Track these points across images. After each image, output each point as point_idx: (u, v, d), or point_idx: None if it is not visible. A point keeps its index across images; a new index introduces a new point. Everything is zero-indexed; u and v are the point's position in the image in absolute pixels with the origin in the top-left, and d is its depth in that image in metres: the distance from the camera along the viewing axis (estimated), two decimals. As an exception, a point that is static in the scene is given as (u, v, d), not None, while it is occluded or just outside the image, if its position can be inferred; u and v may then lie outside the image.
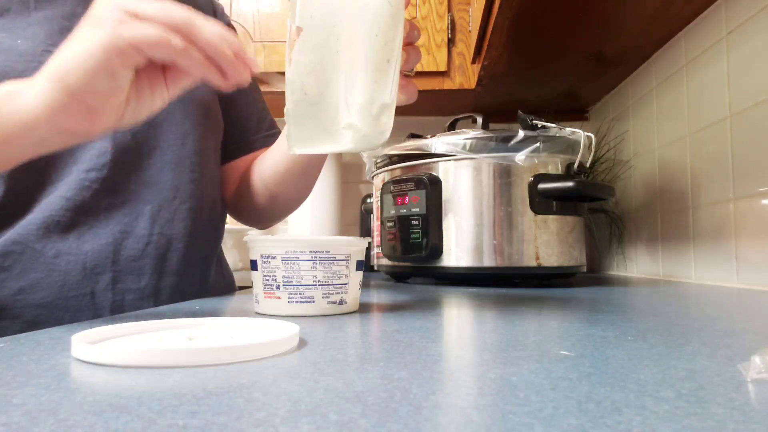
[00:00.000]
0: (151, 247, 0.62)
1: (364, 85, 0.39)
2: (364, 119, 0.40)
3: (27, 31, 0.58)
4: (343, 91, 0.39)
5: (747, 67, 0.81)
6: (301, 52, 0.38)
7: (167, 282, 0.63)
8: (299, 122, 0.40)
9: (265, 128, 0.80)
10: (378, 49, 0.39)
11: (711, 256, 0.90)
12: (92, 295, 0.58)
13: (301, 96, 0.39)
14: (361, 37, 0.39)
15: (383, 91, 0.40)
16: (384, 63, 0.40)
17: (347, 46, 0.39)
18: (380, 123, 0.41)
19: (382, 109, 0.41)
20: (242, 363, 0.27)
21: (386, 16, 0.39)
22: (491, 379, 0.24)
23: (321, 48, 0.38)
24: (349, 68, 0.39)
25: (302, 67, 0.39)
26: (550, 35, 1.04)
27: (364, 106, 0.40)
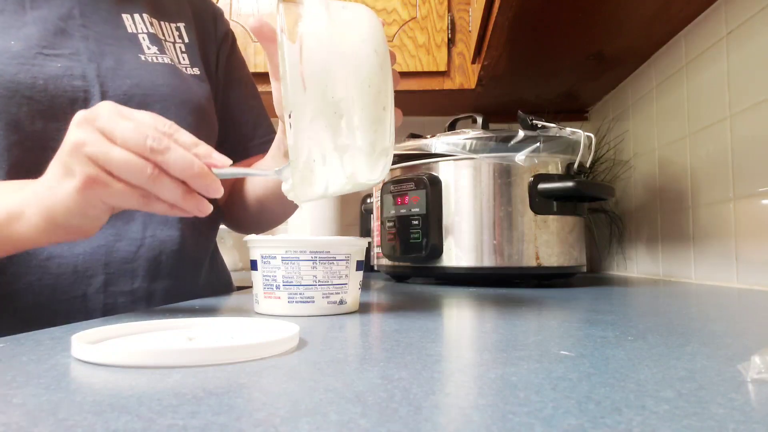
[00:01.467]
0: (144, 249, 0.61)
1: (364, 137, 0.40)
2: (367, 166, 0.41)
3: (21, 32, 0.57)
4: (346, 148, 0.40)
5: (747, 67, 0.81)
6: (302, 119, 0.39)
7: (160, 285, 0.63)
8: (305, 185, 0.41)
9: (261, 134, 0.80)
10: (372, 99, 0.40)
11: (711, 256, 0.90)
12: (84, 298, 0.58)
13: (307, 165, 0.40)
14: (355, 92, 0.39)
15: (383, 137, 0.41)
16: (380, 111, 0.40)
17: (345, 104, 0.39)
18: (378, 166, 0.42)
19: (382, 153, 0.42)
20: (242, 363, 0.27)
21: (375, 67, 0.39)
22: (491, 379, 0.24)
23: (320, 112, 0.39)
24: (348, 125, 0.39)
25: (306, 138, 0.39)
26: (550, 35, 1.04)
27: (366, 154, 0.41)
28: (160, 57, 0.65)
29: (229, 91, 0.78)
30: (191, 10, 0.75)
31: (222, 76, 0.77)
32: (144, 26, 0.66)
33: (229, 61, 0.79)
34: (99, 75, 0.59)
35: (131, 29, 0.65)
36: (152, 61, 0.64)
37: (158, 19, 0.69)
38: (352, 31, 0.40)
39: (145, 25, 0.66)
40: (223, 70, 0.78)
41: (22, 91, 0.55)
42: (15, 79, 0.55)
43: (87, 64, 0.59)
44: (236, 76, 0.79)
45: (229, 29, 0.80)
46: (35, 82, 0.56)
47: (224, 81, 0.77)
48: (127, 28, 0.65)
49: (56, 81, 0.57)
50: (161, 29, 0.69)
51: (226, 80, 0.78)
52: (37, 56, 0.57)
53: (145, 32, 0.66)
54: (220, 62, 0.77)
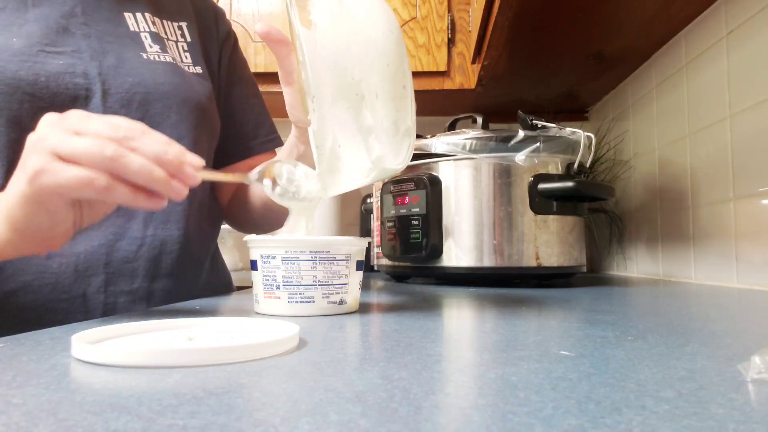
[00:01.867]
0: (144, 249, 0.61)
1: (387, 116, 0.40)
2: (391, 147, 0.41)
3: (23, 29, 0.57)
4: (371, 128, 0.40)
5: (747, 67, 0.81)
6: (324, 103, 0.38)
7: (160, 284, 0.63)
8: (333, 175, 0.41)
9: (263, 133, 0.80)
10: (391, 77, 0.40)
11: (711, 256, 0.90)
12: (84, 298, 0.58)
13: (333, 151, 0.40)
14: (374, 71, 0.39)
15: (405, 116, 0.41)
16: (400, 89, 0.40)
17: (365, 84, 0.39)
18: (403, 147, 0.42)
19: (406, 134, 0.42)
20: (242, 363, 0.27)
21: (391, 44, 0.40)
22: (491, 379, 0.24)
23: (341, 95, 0.39)
24: (371, 105, 0.39)
25: (329, 122, 0.39)
26: (550, 35, 1.04)
27: (391, 134, 0.40)
28: (162, 56, 0.65)
29: (231, 90, 0.78)
30: (193, 10, 0.75)
31: (224, 75, 0.77)
32: (146, 25, 0.66)
33: (231, 61, 0.79)
34: (101, 73, 0.59)
35: (133, 28, 0.65)
36: (154, 59, 0.64)
37: (160, 17, 0.69)
38: (365, 12, 0.40)
39: (147, 23, 0.66)
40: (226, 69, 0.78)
41: (24, 87, 0.55)
42: (16, 75, 0.55)
43: (89, 62, 0.59)
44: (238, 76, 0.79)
45: (230, 29, 0.80)
46: (37, 79, 0.56)
47: (226, 80, 0.77)
48: (129, 26, 0.65)
49: (58, 78, 0.57)
50: (163, 28, 0.69)
51: (228, 79, 0.78)
52: (38, 53, 0.57)
53: (147, 31, 0.66)
54: (223, 62, 0.77)
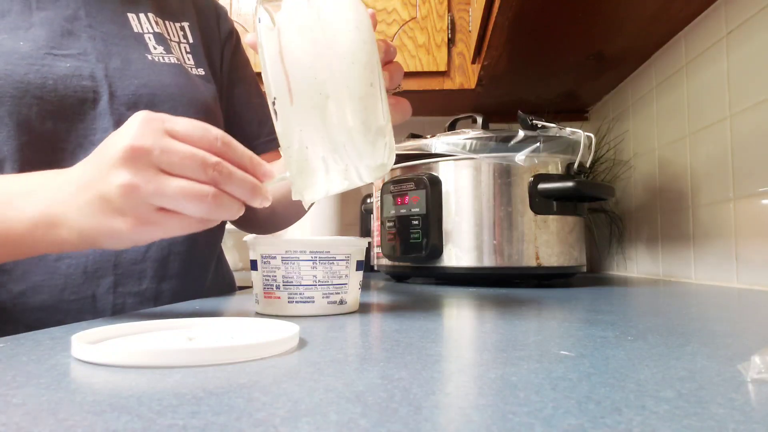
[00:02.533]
0: (152, 250, 0.62)
1: (355, 115, 0.39)
2: (364, 147, 0.40)
3: (29, 32, 0.57)
4: (339, 129, 0.39)
5: (747, 67, 0.81)
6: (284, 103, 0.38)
7: (168, 285, 0.63)
8: (305, 178, 0.40)
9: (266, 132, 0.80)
10: (357, 75, 0.39)
11: (711, 256, 0.90)
12: (93, 299, 0.58)
13: (301, 153, 0.39)
14: (339, 71, 0.38)
15: (374, 115, 0.40)
16: (367, 87, 0.39)
17: (331, 84, 0.38)
18: (378, 147, 0.41)
19: (378, 133, 0.41)
20: (242, 363, 0.27)
21: (358, 43, 0.39)
22: (491, 379, 0.24)
23: (304, 94, 0.38)
24: (337, 105, 0.39)
25: (294, 124, 0.38)
26: (550, 35, 1.04)
27: (361, 133, 0.40)
28: (167, 57, 0.65)
29: (234, 90, 0.78)
30: (195, 9, 0.75)
31: (226, 74, 0.77)
32: (149, 26, 0.66)
33: (233, 60, 0.79)
34: (107, 75, 0.60)
35: (137, 29, 0.65)
36: (159, 61, 0.64)
37: (163, 18, 0.69)
38: (332, 12, 0.39)
39: (150, 24, 0.66)
40: (228, 68, 0.78)
41: (33, 91, 0.55)
42: (25, 79, 0.55)
43: (95, 64, 0.60)
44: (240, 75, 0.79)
45: (233, 28, 0.80)
46: (45, 82, 0.56)
47: (228, 79, 0.77)
48: (132, 27, 0.65)
49: (65, 81, 0.57)
50: (166, 29, 0.69)
51: (231, 79, 0.78)
52: (45, 56, 0.57)
53: (150, 32, 0.66)
54: (225, 61, 0.77)
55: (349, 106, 0.39)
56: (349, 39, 0.39)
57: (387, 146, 0.42)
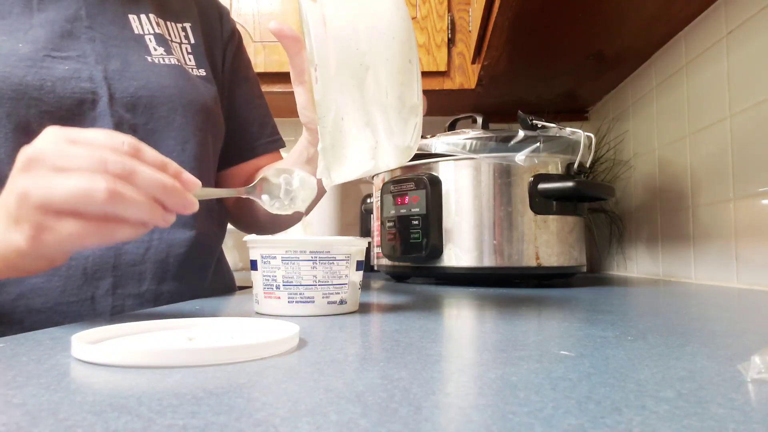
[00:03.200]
0: (152, 252, 0.61)
1: (392, 90, 0.40)
2: (396, 123, 0.41)
3: (28, 34, 0.57)
4: (375, 101, 0.40)
5: (747, 67, 0.81)
6: (327, 70, 0.38)
7: (167, 287, 0.63)
8: (336, 152, 0.40)
9: (267, 134, 0.80)
10: (397, 51, 0.40)
11: (711, 256, 0.90)
12: (92, 301, 0.58)
13: (336, 123, 0.39)
14: (379, 45, 0.39)
15: (410, 92, 0.41)
16: (407, 63, 0.40)
17: (370, 57, 0.39)
18: (409, 126, 0.41)
19: (412, 111, 0.41)
20: (242, 363, 0.27)
21: (398, 19, 0.40)
22: (491, 379, 0.24)
23: (345, 64, 0.38)
24: (376, 77, 0.39)
25: (333, 92, 0.38)
26: (550, 35, 1.04)
27: (396, 109, 0.40)
28: (167, 58, 0.65)
29: (235, 90, 0.78)
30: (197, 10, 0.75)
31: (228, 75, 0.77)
32: (150, 27, 0.66)
33: (235, 61, 0.78)
34: (106, 77, 0.60)
35: (137, 30, 0.65)
36: (159, 62, 0.64)
37: (164, 19, 0.69)
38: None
39: (151, 25, 0.66)
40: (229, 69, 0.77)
41: (31, 93, 0.55)
42: (23, 81, 0.55)
43: (94, 66, 0.59)
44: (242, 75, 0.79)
45: (235, 28, 0.80)
46: (43, 84, 0.56)
47: (230, 80, 0.77)
48: (133, 29, 0.65)
49: (64, 83, 0.57)
50: (167, 30, 0.69)
51: (232, 79, 0.78)
52: (44, 58, 0.57)
53: (151, 33, 0.66)
54: (226, 61, 0.77)
55: (388, 80, 0.39)
56: (390, 14, 0.40)
57: (416, 128, 0.42)
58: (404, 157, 0.43)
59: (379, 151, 0.41)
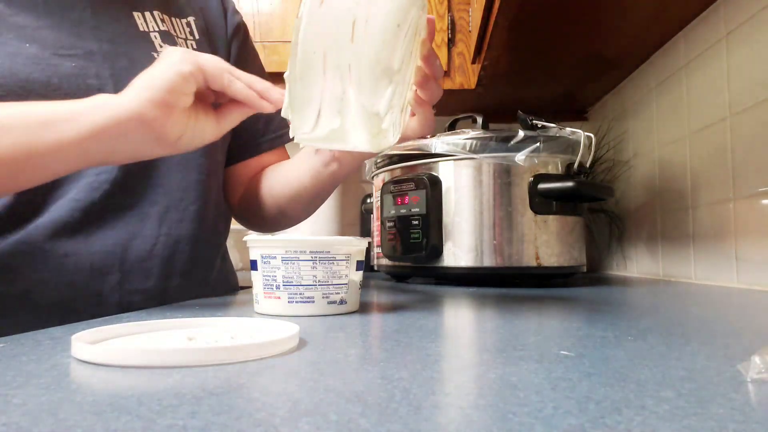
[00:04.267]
0: (159, 248, 0.62)
1: (369, 41, 0.39)
2: (368, 80, 0.40)
3: (35, 33, 0.57)
4: (350, 46, 0.39)
5: (747, 67, 0.81)
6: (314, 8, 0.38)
7: (174, 283, 0.63)
8: (304, 89, 0.40)
9: (273, 129, 0.79)
10: (389, 9, 0.39)
11: (711, 256, 0.90)
12: (99, 296, 0.58)
13: (307, 56, 0.39)
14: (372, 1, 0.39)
15: (389, 53, 0.40)
16: (393, 25, 0.39)
17: (361, 10, 0.38)
18: (380, 88, 0.40)
19: (385, 73, 0.40)
20: (242, 363, 0.27)
21: None
22: (491, 379, 0.24)
23: (334, 7, 0.38)
24: (357, 29, 0.39)
25: (317, 26, 0.39)
26: (550, 35, 1.04)
27: (368, 63, 0.39)
28: None
29: None
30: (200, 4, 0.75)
31: None
32: (155, 24, 0.66)
33: (241, 54, 0.78)
34: (113, 75, 0.60)
35: (143, 27, 0.65)
36: None
37: (169, 15, 0.69)
38: None
39: (156, 22, 0.67)
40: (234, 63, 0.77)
41: (37, 90, 0.55)
42: (29, 78, 0.55)
43: (101, 65, 0.60)
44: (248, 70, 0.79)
45: (241, 21, 0.80)
46: (49, 81, 0.56)
47: None
48: (138, 26, 0.65)
49: (70, 80, 0.57)
50: (173, 26, 0.69)
51: None
52: (52, 57, 0.57)
53: (156, 30, 0.66)
54: (231, 56, 0.77)
55: (368, 31, 0.39)
56: None
57: (389, 96, 0.41)
58: (375, 129, 0.42)
59: (345, 104, 0.41)
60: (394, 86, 0.41)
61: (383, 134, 0.43)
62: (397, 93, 0.42)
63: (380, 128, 0.42)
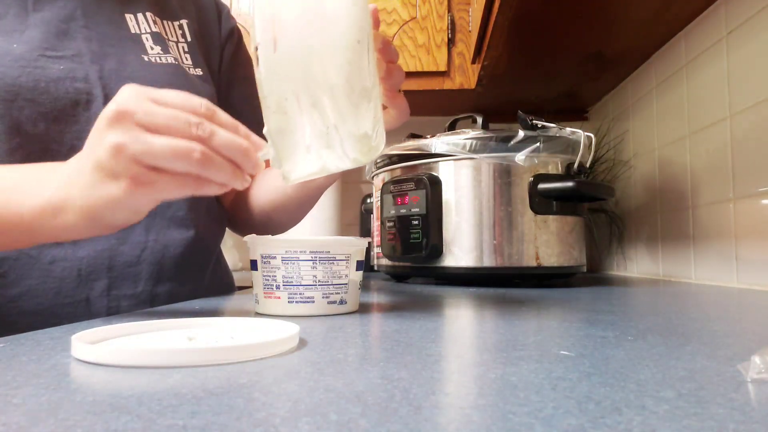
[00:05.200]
0: (147, 253, 0.61)
1: (338, 70, 0.38)
2: (347, 108, 0.39)
3: (24, 34, 0.57)
4: (320, 82, 0.38)
5: (747, 67, 0.81)
6: (269, 53, 0.37)
7: (163, 288, 0.62)
8: (284, 138, 0.39)
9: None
10: (343, 30, 0.38)
11: (711, 256, 0.90)
12: (87, 302, 0.57)
13: (279, 105, 0.38)
14: (325, 23, 0.38)
15: (359, 73, 0.38)
16: (353, 43, 0.38)
17: (317, 38, 0.37)
18: (362, 111, 0.39)
19: (363, 95, 0.39)
20: (242, 363, 0.27)
21: (345, 2, 0.38)
22: (491, 379, 0.24)
23: (289, 46, 0.37)
24: (320, 58, 0.38)
25: (275, 73, 0.37)
26: (550, 35, 1.04)
27: (343, 92, 0.38)
28: (164, 57, 0.65)
29: (233, 90, 0.77)
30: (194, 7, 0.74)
31: (225, 74, 0.77)
32: (147, 26, 0.66)
33: (234, 59, 0.78)
34: (101, 77, 0.59)
35: (134, 29, 0.65)
36: (156, 61, 0.64)
37: (161, 17, 0.69)
38: None
39: (148, 24, 0.66)
40: (227, 68, 0.77)
41: (24, 93, 0.55)
42: (17, 82, 0.55)
43: (89, 66, 0.59)
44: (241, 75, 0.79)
45: (235, 26, 0.80)
46: (37, 85, 0.55)
47: (228, 79, 0.77)
48: (130, 28, 0.64)
49: (58, 83, 0.57)
50: (164, 28, 0.69)
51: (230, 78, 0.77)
52: (39, 58, 0.56)
53: (148, 32, 0.66)
54: (224, 60, 0.76)
55: (333, 60, 0.38)
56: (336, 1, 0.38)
57: (372, 114, 0.40)
58: (365, 148, 0.41)
59: (333, 138, 0.39)
60: (373, 103, 0.40)
61: (374, 148, 0.42)
62: (378, 106, 0.41)
63: (371, 145, 0.41)
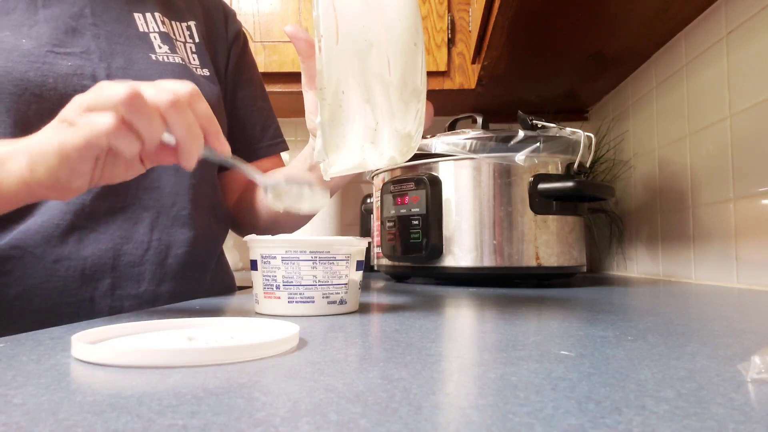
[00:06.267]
0: (151, 252, 0.61)
1: (395, 68, 0.39)
2: (398, 105, 0.40)
3: (32, 30, 0.57)
4: (377, 78, 0.39)
5: (747, 67, 0.81)
6: (331, 39, 0.38)
7: (166, 288, 0.63)
8: (335, 129, 0.40)
9: (269, 137, 0.79)
10: (403, 31, 0.40)
11: (711, 256, 0.90)
12: (91, 301, 0.58)
13: (336, 96, 0.39)
14: (385, 22, 0.39)
15: (413, 73, 0.40)
16: (411, 45, 0.40)
17: (375, 33, 0.39)
18: (411, 110, 0.41)
19: (413, 94, 0.41)
20: (242, 363, 0.27)
21: (406, 2, 0.40)
22: (491, 379, 0.24)
23: (349, 36, 0.39)
24: (379, 54, 0.39)
25: (335, 64, 0.39)
26: (550, 35, 1.04)
27: (398, 89, 0.40)
28: (171, 56, 0.65)
29: (238, 92, 0.78)
30: (202, 9, 0.75)
31: (231, 76, 0.77)
32: (155, 25, 0.66)
33: (240, 62, 0.78)
34: (109, 74, 0.60)
35: (143, 28, 0.65)
36: (163, 60, 0.64)
37: (169, 18, 0.69)
38: None
39: (156, 24, 0.66)
40: (233, 70, 0.77)
41: (32, 89, 0.55)
42: (25, 77, 0.55)
43: (97, 63, 0.59)
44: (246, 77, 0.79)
45: (241, 30, 0.80)
46: (45, 81, 0.56)
47: (233, 81, 0.77)
48: (138, 27, 0.65)
49: (66, 80, 0.57)
50: (172, 28, 0.69)
51: (236, 81, 0.77)
52: (47, 54, 0.57)
53: (156, 31, 0.66)
54: (230, 62, 0.77)
55: (391, 58, 0.39)
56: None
57: (418, 115, 0.42)
58: (405, 147, 0.42)
59: (379, 134, 0.41)
60: (421, 104, 0.42)
61: (412, 149, 0.43)
62: (423, 108, 0.42)
63: (410, 146, 0.43)
